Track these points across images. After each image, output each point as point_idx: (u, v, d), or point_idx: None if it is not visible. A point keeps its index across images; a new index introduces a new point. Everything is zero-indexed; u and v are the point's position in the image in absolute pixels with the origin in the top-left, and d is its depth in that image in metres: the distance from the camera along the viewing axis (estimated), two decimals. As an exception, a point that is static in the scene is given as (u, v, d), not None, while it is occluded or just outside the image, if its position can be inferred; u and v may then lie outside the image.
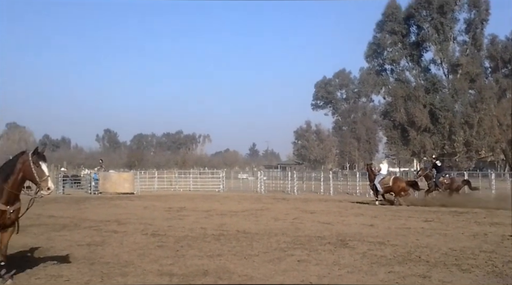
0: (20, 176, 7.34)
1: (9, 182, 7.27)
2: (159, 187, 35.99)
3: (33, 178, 7.30)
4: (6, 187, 7.26)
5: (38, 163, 7.31)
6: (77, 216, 17.04)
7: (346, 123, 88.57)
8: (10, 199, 7.30)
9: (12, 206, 7.31)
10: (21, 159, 7.38)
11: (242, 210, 19.53)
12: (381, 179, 23.28)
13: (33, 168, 7.28)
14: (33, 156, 7.35)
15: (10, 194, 7.28)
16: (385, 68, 72.47)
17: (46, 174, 7.34)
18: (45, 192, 7.36)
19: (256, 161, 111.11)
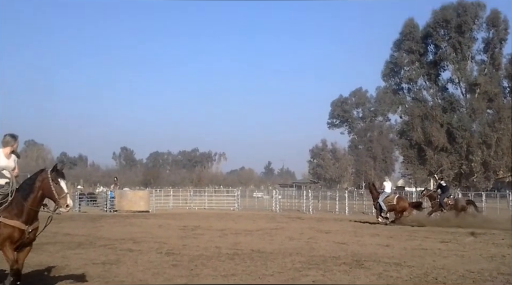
0: (39, 194, 7.36)
1: (29, 200, 7.30)
2: (174, 205, 36.02)
3: (52, 195, 7.32)
4: (26, 205, 7.29)
5: (56, 180, 7.34)
6: (93, 235, 17.07)
7: (362, 142, 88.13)
8: (30, 218, 7.32)
9: (31, 225, 7.35)
10: (40, 177, 7.40)
11: (257, 229, 19.44)
12: (385, 197, 23.20)
13: (52, 185, 7.30)
14: (52, 173, 7.38)
15: (30, 211, 7.30)
16: (402, 86, 72.14)
17: (65, 191, 7.35)
18: (64, 209, 7.38)
19: (271, 179, 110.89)
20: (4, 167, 7.59)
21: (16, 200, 7.32)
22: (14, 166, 7.79)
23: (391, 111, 75.76)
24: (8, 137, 7.84)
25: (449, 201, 24.01)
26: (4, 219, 7.21)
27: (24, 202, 7.29)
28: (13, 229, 7.19)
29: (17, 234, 7.21)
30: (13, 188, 7.42)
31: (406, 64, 69.98)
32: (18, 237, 7.24)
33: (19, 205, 7.29)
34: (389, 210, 23.13)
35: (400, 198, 23.91)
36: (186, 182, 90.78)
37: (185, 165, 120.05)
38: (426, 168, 66.79)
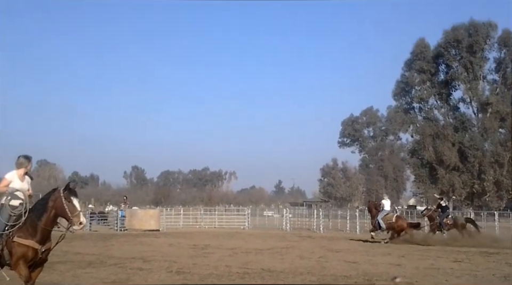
0: (53, 213, 7.43)
1: (43, 219, 7.37)
2: (185, 224, 35.96)
3: (65, 214, 7.38)
4: (39, 224, 7.35)
5: (69, 198, 7.40)
6: (103, 253, 17.07)
7: (373, 161, 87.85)
8: (43, 238, 7.39)
9: (44, 245, 7.41)
10: (53, 196, 7.48)
11: (268, 248, 19.35)
12: (384, 215, 23.17)
13: (65, 203, 7.37)
14: (65, 191, 7.46)
15: (44, 231, 7.37)
16: (413, 106, 72.43)
17: (77, 209, 7.42)
18: (77, 227, 7.42)
19: (281, 198, 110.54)
20: (18, 189, 7.67)
21: (30, 220, 7.40)
22: (28, 188, 7.87)
23: (402, 130, 75.92)
24: (22, 158, 7.92)
25: (448, 221, 23.95)
26: (18, 238, 7.29)
27: (38, 221, 7.36)
28: (27, 248, 7.26)
29: (31, 253, 7.28)
30: (27, 209, 7.49)
31: (417, 84, 70.29)
32: (32, 257, 7.30)
33: (33, 224, 7.37)
34: (387, 228, 23.10)
35: (399, 217, 23.91)
36: (196, 201, 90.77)
37: (196, 184, 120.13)
38: (438, 187, 66.40)
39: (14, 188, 7.64)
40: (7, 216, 7.46)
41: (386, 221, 23.00)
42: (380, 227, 23.19)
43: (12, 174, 7.79)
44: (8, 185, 7.68)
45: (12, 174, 7.80)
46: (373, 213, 23.84)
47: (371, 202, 25.71)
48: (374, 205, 24.36)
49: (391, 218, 23.09)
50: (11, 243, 7.30)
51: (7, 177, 7.75)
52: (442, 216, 23.79)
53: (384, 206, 23.82)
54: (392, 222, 22.91)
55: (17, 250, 7.24)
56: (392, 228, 23.01)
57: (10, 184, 7.68)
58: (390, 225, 22.95)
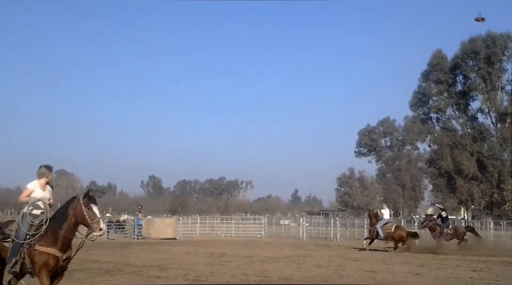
0: (73, 221, 7.51)
1: (63, 227, 7.45)
2: (201, 232, 35.99)
3: (85, 221, 7.45)
4: (60, 232, 7.43)
5: (89, 206, 7.48)
6: (120, 261, 17.15)
7: (390, 170, 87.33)
8: (64, 246, 7.46)
9: (65, 253, 7.48)
10: (73, 204, 7.56)
11: (284, 256, 19.30)
12: (383, 224, 23.33)
13: (84, 211, 7.44)
14: (84, 199, 7.53)
15: (64, 239, 7.45)
16: (431, 116, 72.49)
17: (97, 216, 7.48)
18: (97, 233, 7.48)
19: (298, 207, 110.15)
20: (40, 198, 7.77)
21: (51, 229, 7.49)
22: (49, 197, 7.97)
23: (419, 140, 75.94)
24: (43, 168, 8.03)
25: (449, 231, 24.08)
26: (39, 246, 7.37)
27: (58, 229, 7.45)
28: (49, 256, 7.34)
29: (52, 261, 7.35)
30: (47, 217, 7.57)
31: (435, 94, 70.40)
32: (54, 265, 7.37)
33: (54, 233, 7.45)
34: (385, 237, 23.28)
35: (398, 227, 24.19)
36: (213, 209, 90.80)
37: (212, 193, 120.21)
38: (456, 196, 66.02)
39: (35, 198, 7.74)
40: (28, 225, 7.55)
41: (385, 230, 23.18)
42: (378, 236, 23.35)
43: (34, 184, 7.90)
44: (30, 194, 7.79)
45: (34, 183, 7.91)
46: (373, 222, 24.01)
47: (371, 211, 25.80)
48: (374, 214, 24.48)
49: (390, 228, 23.32)
50: (33, 251, 7.38)
51: (29, 187, 7.87)
52: (443, 226, 23.89)
53: (384, 215, 23.98)
54: (391, 231, 23.12)
55: (39, 259, 7.32)
56: (391, 238, 23.25)
57: (32, 194, 7.79)
58: (388, 234, 23.18)
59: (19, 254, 7.42)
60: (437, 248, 21.75)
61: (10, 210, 57.71)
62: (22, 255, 7.41)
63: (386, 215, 24.08)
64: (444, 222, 24.18)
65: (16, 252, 7.43)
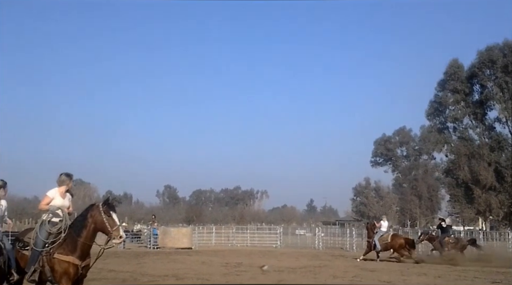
0: (92, 228, 7.52)
1: (82, 235, 7.47)
2: (217, 242, 35.99)
3: (104, 228, 7.46)
4: (79, 240, 7.44)
5: (109, 213, 7.49)
6: (136, 271, 17.17)
7: (406, 180, 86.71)
8: (83, 253, 7.47)
9: (84, 261, 7.49)
10: (92, 212, 7.58)
11: (300, 267, 19.20)
12: (380, 236, 23.57)
13: (104, 218, 7.45)
14: (104, 206, 7.55)
15: (83, 246, 7.45)
16: (447, 125, 72.08)
17: (117, 223, 7.50)
18: (117, 241, 7.50)
19: (313, 217, 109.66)
20: (60, 206, 7.80)
21: (70, 237, 7.50)
22: (69, 205, 8.00)
23: (436, 149, 75.47)
24: (63, 176, 8.07)
25: (450, 240, 24.16)
26: (58, 255, 7.39)
27: (77, 237, 7.46)
28: (68, 264, 7.34)
29: (72, 269, 7.35)
30: (66, 225, 7.60)
31: (451, 104, 70.13)
32: (74, 273, 7.37)
33: (73, 241, 7.47)
34: (384, 248, 23.54)
35: (395, 235, 24.63)
36: (228, 219, 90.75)
37: (228, 203, 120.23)
38: (474, 207, 65.38)
39: (55, 206, 7.77)
40: (46, 233, 7.57)
41: (382, 241, 23.48)
42: (375, 248, 23.55)
43: (54, 192, 7.94)
44: (49, 202, 7.82)
45: (54, 191, 7.95)
46: (370, 234, 24.31)
47: (369, 224, 26.08)
48: (371, 226, 24.78)
49: (387, 238, 23.57)
50: (52, 259, 7.39)
51: (49, 195, 7.89)
52: (443, 236, 24.04)
53: (381, 226, 24.23)
54: (388, 242, 23.42)
55: (59, 267, 7.34)
56: (391, 247, 23.54)
57: (52, 202, 7.82)
58: (387, 245, 23.50)
59: (38, 262, 7.43)
60: (455, 259, 21.61)
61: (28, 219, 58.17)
62: (41, 264, 7.42)
63: (384, 228, 24.27)
64: (444, 232, 24.33)
65: (35, 260, 7.45)
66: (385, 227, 24.48)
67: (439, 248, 23.76)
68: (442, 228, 24.55)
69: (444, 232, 24.34)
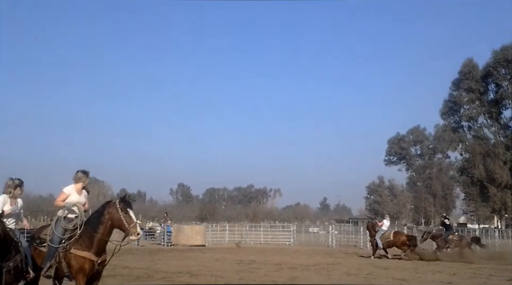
0: (109, 225, 7.54)
1: (99, 231, 7.49)
2: (230, 239, 36.04)
3: (122, 225, 7.48)
4: (96, 236, 7.47)
5: (126, 210, 7.51)
6: (151, 268, 17.24)
7: (421, 179, 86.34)
8: (100, 249, 7.50)
9: (100, 257, 7.52)
10: (109, 209, 7.60)
11: (314, 264, 19.16)
12: (381, 234, 23.78)
13: (121, 215, 7.47)
14: (121, 203, 7.57)
15: (100, 242, 7.48)
16: (462, 124, 71.77)
17: (134, 221, 7.52)
18: (134, 237, 7.54)
19: (327, 215, 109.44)
20: (76, 203, 7.83)
21: (86, 233, 7.53)
22: (84, 202, 8.04)
23: (450, 148, 75.25)
24: (80, 173, 8.11)
25: (454, 237, 24.41)
26: (75, 250, 7.42)
27: (94, 233, 7.48)
28: (84, 260, 7.37)
29: (88, 265, 7.38)
30: (82, 221, 7.64)
31: (466, 103, 70.00)
32: (90, 269, 7.40)
33: (89, 236, 7.50)
34: (386, 246, 23.69)
35: (397, 232, 25.04)
36: (241, 217, 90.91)
37: (241, 201, 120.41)
38: (489, 205, 64.99)
39: (71, 203, 7.81)
40: (62, 229, 7.61)
41: (384, 239, 23.64)
42: (377, 246, 23.68)
43: (70, 188, 7.97)
44: (65, 199, 7.85)
45: (70, 188, 7.98)
46: (372, 234, 24.44)
47: (369, 223, 26.22)
48: (372, 226, 24.93)
49: (389, 236, 23.82)
50: (68, 255, 7.43)
51: (65, 191, 7.92)
52: (447, 233, 24.29)
53: (383, 225, 24.35)
54: (390, 239, 23.66)
55: (75, 262, 7.37)
56: (393, 245, 23.75)
57: (68, 198, 7.85)
58: (388, 243, 23.71)
59: (54, 258, 7.47)
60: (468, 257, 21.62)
61: (43, 216, 58.71)
62: (58, 260, 7.46)
63: (385, 226, 24.38)
64: (448, 230, 24.63)
65: (51, 256, 7.49)
66: (387, 226, 24.62)
67: (443, 246, 23.91)
68: (446, 225, 24.86)
69: (448, 230, 24.63)
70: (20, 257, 7.11)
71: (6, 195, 7.56)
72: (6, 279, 6.93)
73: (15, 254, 7.06)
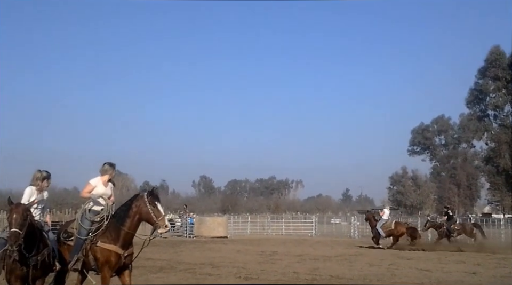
0: (136, 218, 7.55)
1: (126, 224, 7.50)
2: (252, 231, 36.12)
3: (150, 218, 7.48)
4: (123, 229, 7.48)
5: (154, 203, 7.52)
6: (173, 259, 17.38)
7: (445, 169, 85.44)
8: (126, 243, 7.51)
9: (127, 250, 7.53)
10: (137, 202, 7.60)
11: (336, 255, 19.13)
12: (382, 224, 24.18)
13: (149, 208, 7.47)
14: (149, 196, 7.57)
15: (126, 235, 7.49)
16: (488, 113, 70.79)
17: (162, 214, 7.54)
18: (163, 230, 7.54)
19: (349, 206, 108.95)
20: (102, 195, 7.85)
21: (112, 226, 7.55)
22: (110, 194, 8.06)
23: (475, 137, 74.27)
24: (106, 166, 8.15)
25: (456, 226, 24.95)
26: (101, 243, 7.45)
27: (121, 226, 7.50)
28: (110, 253, 7.40)
29: (114, 258, 7.40)
30: (109, 212, 7.66)
31: (492, 91, 69.05)
32: (116, 262, 7.42)
33: (116, 230, 7.51)
34: (387, 235, 24.12)
35: (397, 223, 25.19)
36: (263, 209, 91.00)
37: (263, 193, 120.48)
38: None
39: (97, 194, 7.84)
40: (88, 222, 7.64)
41: (385, 229, 24.07)
42: (379, 235, 24.08)
43: (97, 180, 8.00)
44: (91, 191, 7.87)
45: (97, 180, 8.00)
46: (373, 224, 24.81)
47: (369, 213, 26.47)
48: (373, 216, 25.36)
49: (390, 225, 24.19)
50: (94, 247, 7.46)
51: (91, 183, 7.95)
52: (450, 223, 24.75)
53: (384, 215, 24.82)
54: (391, 229, 24.06)
55: (101, 255, 7.40)
56: (392, 235, 24.11)
57: (94, 190, 7.88)
58: (389, 232, 24.11)
59: (81, 251, 7.50)
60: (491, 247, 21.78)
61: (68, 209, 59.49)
62: (85, 253, 7.49)
63: (385, 216, 24.76)
64: (449, 220, 25.06)
65: (78, 249, 7.52)
66: (387, 215, 24.94)
67: (445, 236, 24.41)
68: (449, 215, 25.37)
69: (450, 220, 25.05)
70: (48, 251, 7.17)
71: (33, 186, 7.61)
72: (33, 273, 7.00)
73: (43, 247, 7.10)
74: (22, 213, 6.69)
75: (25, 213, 6.74)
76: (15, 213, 6.65)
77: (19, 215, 6.63)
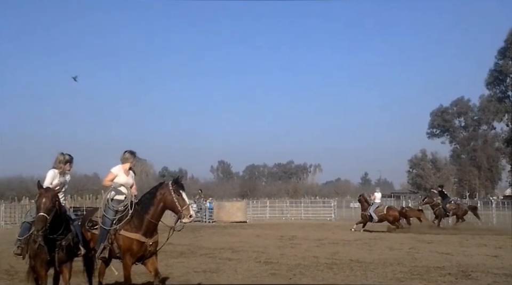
0: (160, 207, 7.49)
1: (149, 213, 7.45)
2: (271, 215, 36.21)
3: (174, 207, 7.41)
4: (146, 217, 7.44)
5: (178, 192, 7.43)
6: (193, 244, 17.49)
7: (465, 151, 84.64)
8: (149, 231, 7.46)
9: (151, 238, 7.49)
10: (161, 190, 7.52)
11: (355, 239, 19.10)
12: (375, 208, 24.31)
13: (174, 197, 7.39)
14: (174, 185, 7.48)
15: (149, 224, 7.45)
16: (508, 94, 69.70)
17: (187, 203, 7.43)
18: (187, 220, 7.43)
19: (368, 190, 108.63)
20: (123, 183, 7.83)
21: (136, 214, 7.52)
22: (132, 182, 8.03)
23: (496, 119, 73.32)
24: (127, 154, 8.11)
25: (452, 206, 25.46)
26: (124, 231, 7.43)
27: (144, 214, 7.47)
28: (132, 241, 7.39)
29: (136, 246, 7.39)
30: (132, 202, 7.63)
31: (512, 72, 67.59)
32: (138, 249, 7.41)
33: (139, 218, 7.49)
34: (380, 219, 24.21)
35: (390, 207, 25.28)
36: (282, 193, 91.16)
37: (281, 177, 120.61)
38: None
39: (118, 183, 7.82)
40: (112, 211, 7.62)
41: (378, 213, 24.19)
42: (371, 219, 24.18)
43: (118, 168, 7.97)
44: (113, 179, 7.85)
45: (118, 168, 7.97)
46: (364, 207, 24.82)
47: (362, 196, 26.27)
48: (365, 199, 25.33)
49: (383, 210, 24.37)
50: (118, 235, 7.46)
51: (113, 171, 7.92)
52: (445, 202, 25.38)
53: (376, 198, 25.06)
54: (384, 213, 24.18)
55: (123, 243, 7.40)
56: (385, 219, 24.25)
57: (115, 179, 7.86)
58: (382, 216, 24.20)
59: (107, 239, 7.51)
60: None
61: (89, 195, 60.20)
62: (110, 241, 7.50)
63: (377, 199, 25.07)
64: (444, 198, 25.67)
65: (104, 238, 7.53)
66: (379, 199, 25.25)
67: (442, 215, 25.12)
68: (443, 194, 26.01)
69: (445, 199, 25.66)
70: (72, 235, 7.22)
71: (56, 169, 7.61)
72: (59, 257, 7.05)
73: (67, 232, 7.13)
74: (52, 198, 6.70)
75: (54, 199, 6.75)
76: (44, 197, 6.65)
77: (48, 200, 6.63)
